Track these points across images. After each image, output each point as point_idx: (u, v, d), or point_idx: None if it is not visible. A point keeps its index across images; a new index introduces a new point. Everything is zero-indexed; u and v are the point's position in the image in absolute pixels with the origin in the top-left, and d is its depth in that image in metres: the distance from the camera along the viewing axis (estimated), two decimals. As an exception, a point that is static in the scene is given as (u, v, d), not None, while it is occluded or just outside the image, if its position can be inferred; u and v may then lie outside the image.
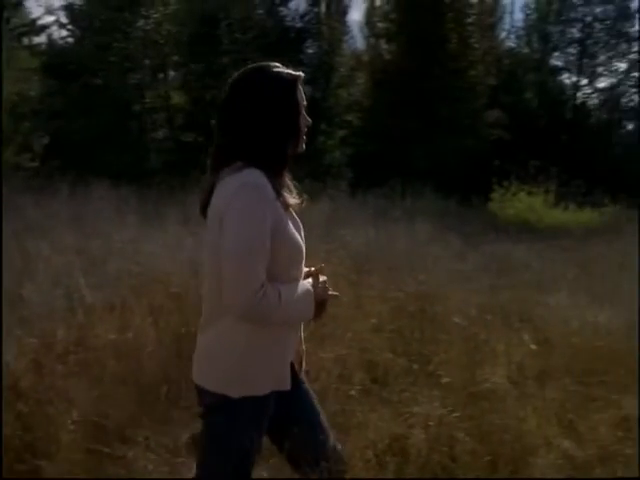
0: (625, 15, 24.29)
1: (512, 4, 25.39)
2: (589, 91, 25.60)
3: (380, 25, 20.13)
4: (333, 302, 2.16)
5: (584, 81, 25.40)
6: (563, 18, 24.85)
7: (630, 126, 25.87)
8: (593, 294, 5.66)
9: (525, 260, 7.42)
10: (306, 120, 1.97)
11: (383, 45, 20.07)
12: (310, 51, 20.27)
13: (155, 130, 17.50)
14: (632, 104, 25.16)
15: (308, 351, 2.23)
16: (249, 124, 1.83)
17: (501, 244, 8.35)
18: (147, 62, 17.14)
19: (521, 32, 25.62)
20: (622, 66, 25.01)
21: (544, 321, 4.80)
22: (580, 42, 24.83)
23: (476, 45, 19.37)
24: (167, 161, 15.99)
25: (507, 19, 25.45)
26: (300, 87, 1.92)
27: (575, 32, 25.03)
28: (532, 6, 25.40)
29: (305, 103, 1.96)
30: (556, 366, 3.84)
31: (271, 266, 1.80)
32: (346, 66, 19.91)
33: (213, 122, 1.94)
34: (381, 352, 3.98)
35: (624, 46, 24.72)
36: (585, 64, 25.12)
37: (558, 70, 25.66)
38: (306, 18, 19.88)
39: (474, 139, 17.64)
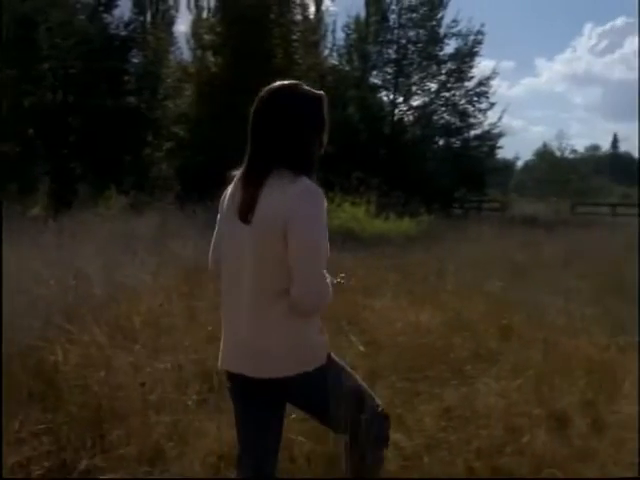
0: (435, 39, 26.16)
1: (334, 23, 26.36)
2: (405, 108, 27.24)
3: (207, 37, 20.02)
4: (165, 313, 2.18)
5: (400, 99, 27.00)
6: (380, 39, 26.25)
7: (441, 142, 27.83)
8: (414, 297, 6.04)
9: (351, 267, 7.72)
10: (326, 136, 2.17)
11: (210, 57, 19.97)
12: (135, 60, 19.82)
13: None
14: (442, 121, 27.11)
15: (142, 363, 2.22)
16: (290, 136, 2.01)
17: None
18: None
19: (343, 51, 26.72)
20: (433, 86, 26.90)
21: (371, 324, 5.03)
22: (396, 62, 26.36)
23: (300, 61, 19.89)
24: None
25: (330, 37, 26.28)
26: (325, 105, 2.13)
27: (391, 53, 26.56)
28: (352, 27, 26.56)
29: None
30: (384, 365, 4.05)
31: None
32: (173, 77, 19.63)
33: (247, 132, 2.10)
34: (216, 361, 3.96)
35: (435, 68, 26.62)
36: (401, 83, 26.70)
37: (377, 88, 27.07)
38: (131, 26, 19.39)
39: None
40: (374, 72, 26.80)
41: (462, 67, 26.48)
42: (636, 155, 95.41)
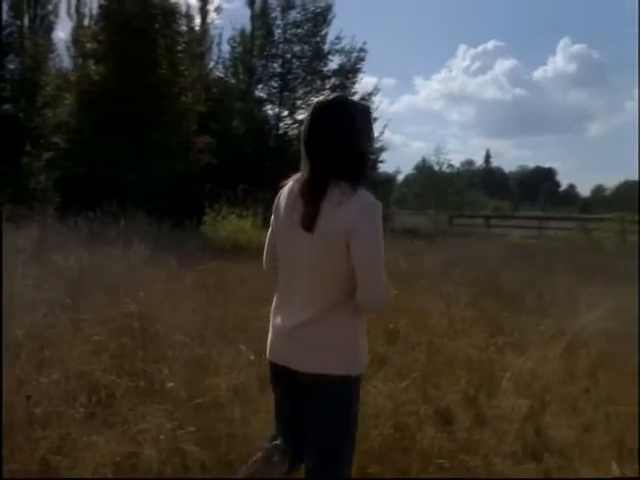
0: (320, 55, 26.62)
1: (220, 36, 26.17)
2: (290, 122, 27.42)
3: (89, 45, 19.34)
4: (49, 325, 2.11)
5: (285, 112, 27.19)
6: (266, 53, 26.34)
7: (326, 156, 28.26)
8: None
9: (239, 278, 7.71)
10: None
11: (92, 66, 19.29)
12: (12, 66, 18.86)
13: None
14: (324, 136, 27.53)
15: (25, 377, 2.14)
16: (347, 149, 2.11)
17: (215, 264, 8.58)
18: None
19: (228, 63, 26.63)
20: (317, 101, 27.27)
21: (261, 332, 5.02)
22: (281, 76, 26.56)
23: (186, 72, 19.64)
24: None
25: (215, 50, 26.13)
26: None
27: (277, 67, 26.70)
28: (238, 40, 26.54)
29: None
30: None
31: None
32: (52, 85, 18.84)
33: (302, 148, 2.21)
34: (104, 373, 3.87)
35: (319, 83, 27.03)
36: (286, 97, 26.91)
37: (262, 101, 27.11)
38: (7, 31, 18.44)
39: (185, 164, 17.81)
40: (259, 85, 26.84)
41: (345, 83, 27.04)
42: (506, 170, 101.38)
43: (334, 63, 27.08)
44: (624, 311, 5.52)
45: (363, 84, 26.88)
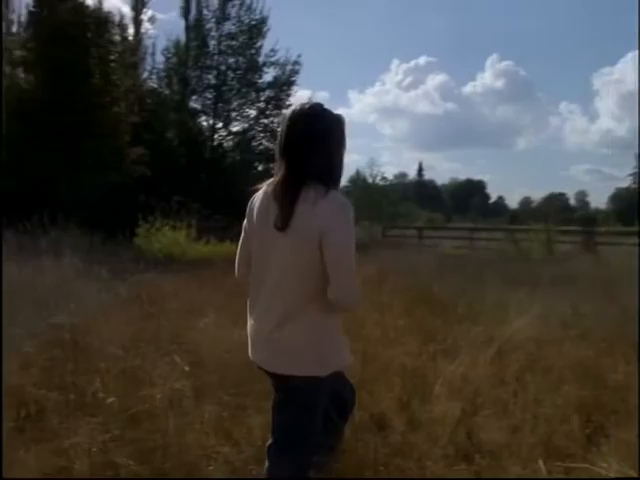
0: (254, 67, 26.68)
1: (154, 46, 25.85)
2: (224, 133, 27.40)
3: (18, 53, 18.80)
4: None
5: (220, 124, 27.14)
6: (200, 64, 26.27)
7: (260, 167, 28.24)
8: (237, 316, 6.07)
9: (173, 290, 7.63)
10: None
11: (21, 74, 18.75)
12: None
13: None
14: (261, 147, 27.59)
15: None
16: (321, 153, 2.25)
17: (149, 276, 8.46)
18: None
19: (162, 74, 26.35)
20: (252, 112, 27.32)
21: (196, 343, 5.01)
22: (216, 88, 26.51)
23: (119, 82, 19.34)
24: None
25: (149, 60, 25.81)
26: None
27: (211, 78, 26.66)
28: (172, 50, 26.32)
29: None
30: (210, 382, 4.06)
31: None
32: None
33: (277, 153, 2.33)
34: (33, 388, 3.77)
35: (253, 95, 27.08)
36: (220, 108, 26.87)
37: (197, 112, 26.98)
38: None
39: (118, 175, 17.48)
40: (194, 97, 26.71)
41: (280, 95, 27.19)
42: (439, 183, 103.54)
43: (269, 75, 27.24)
44: (550, 317, 5.74)
45: (297, 97, 27.01)
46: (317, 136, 2.25)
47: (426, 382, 3.97)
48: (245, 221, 2.48)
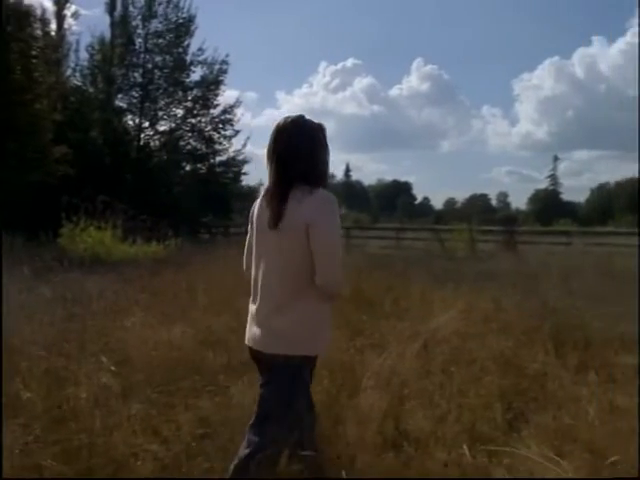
0: (182, 66, 26.34)
1: (78, 43, 25.14)
2: (151, 133, 26.92)
3: None
4: None
5: (146, 123, 26.64)
6: (126, 62, 25.72)
7: (188, 167, 27.96)
8: (165, 315, 6.04)
9: (98, 290, 7.47)
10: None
11: None
12: None
13: None
14: (189, 147, 27.29)
15: None
16: (308, 158, 2.53)
17: (74, 276, 8.25)
18: None
19: (87, 71, 25.65)
20: (179, 112, 26.96)
21: (123, 343, 4.94)
22: (142, 87, 26.02)
23: (41, 79, 18.71)
24: None
25: (73, 57, 25.08)
26: None
27: (138, 77, 26.16)
28: (97, 47, 25.68)
29: None
30: (138, 381, 4.02)
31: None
32: None
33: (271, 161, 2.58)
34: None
35: (181, 94, 26.73)
36: (147, 107, 26.38)
37: (123, 111, 26.42)
38: None
39: (41, 174, 16.93)
40: (119, 95, 26.13)
41: (208, 95, 26.95)
42: (366, 183, 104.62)
43: (196, 75, 26.94)
44: (473, 311, 5.93)
45: (225, 97, 26.83)
46: (299, 144, 2.53)
47: (354, 375, 4.03)
48: (249, 225, 2.75)
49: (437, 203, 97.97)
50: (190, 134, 27.17)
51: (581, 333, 5.09)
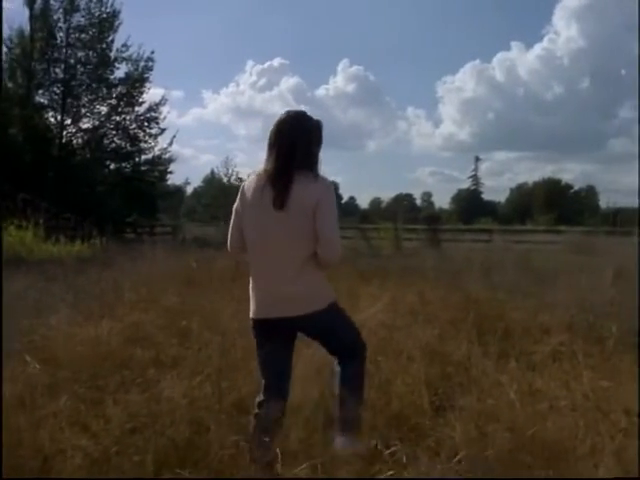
0: (106, 62, 25.77)
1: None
2: (74, 130, 26.26)
3: None
4: None
5: (69, 120, 25.95)
6: (47, 57, 25.00)
7: (112, 165, 27.40)
8: (91, 312, 5.96)
9: (21, 288, 7.25)
10: None
11: None
12: None
13: None
14: (113, 145, 26.75)
15: None
16: (307, 148, 2.99)
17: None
18: None
19: (5, 66, 24.77)
20: (104, 109, 26.39)
21: (48, 340, 4.84)
22: (64, 82, 25.34)
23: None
24: None
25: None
26: None
27: (59, 72, 25.49)
28: (15, 41, 24.86)
29: None
30: (65, 377, 3.95)
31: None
32: None
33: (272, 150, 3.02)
34: None
35: (105, 91, 26.18)
36: (69, 104, 25.74)
37: (44, 107, 25.66)
38: None
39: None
40: (40, 91, 25.44)
41: (133, 92, 26.50)
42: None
43: (121, 71, 26.42)
44: (399, 304, 6.09)
45: (151, 94, 26.39)
46: (299, 135, 2.97)
47: (285, 367, 4.07)
48: (236, 204, 3.12)
49: (363, 202, 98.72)
50: (114, 132, 26.68)
51: (502, 323, 5.29)
